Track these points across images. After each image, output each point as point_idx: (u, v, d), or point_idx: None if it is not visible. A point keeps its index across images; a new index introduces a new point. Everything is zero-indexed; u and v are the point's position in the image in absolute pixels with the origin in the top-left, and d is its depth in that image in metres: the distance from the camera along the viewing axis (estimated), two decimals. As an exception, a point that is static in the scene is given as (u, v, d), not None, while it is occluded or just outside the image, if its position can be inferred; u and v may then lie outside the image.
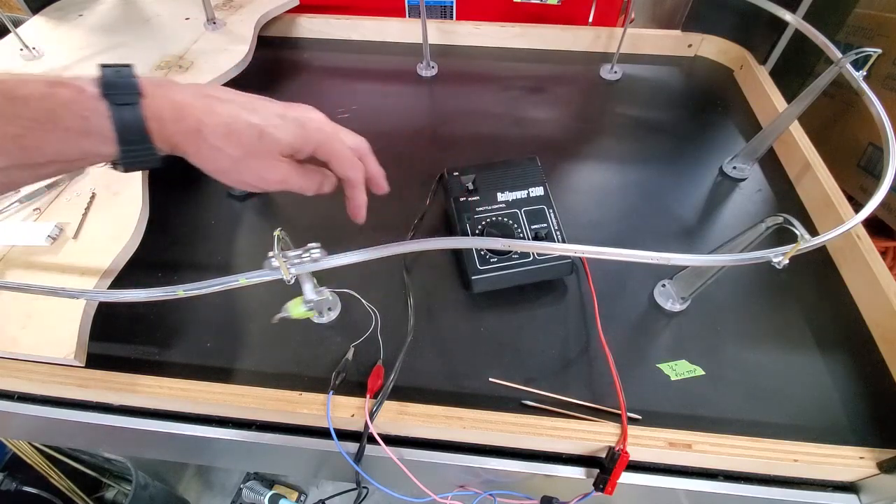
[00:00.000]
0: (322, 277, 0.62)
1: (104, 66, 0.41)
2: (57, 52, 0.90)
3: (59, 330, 0.57)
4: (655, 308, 0.66)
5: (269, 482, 1.57)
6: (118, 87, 0.40)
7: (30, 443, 1.27)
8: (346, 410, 0.55)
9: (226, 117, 0.44)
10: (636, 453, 0.53)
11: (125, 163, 0.42)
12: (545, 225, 0.65)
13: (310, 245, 0.48)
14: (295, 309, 0.55)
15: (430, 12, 1.11)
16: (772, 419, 0.57)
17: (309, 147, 0.47)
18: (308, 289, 0.55)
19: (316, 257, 0.48)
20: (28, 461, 1.26)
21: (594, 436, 0.53)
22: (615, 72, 1.01)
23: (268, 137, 0.45)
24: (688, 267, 0.63)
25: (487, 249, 0.64)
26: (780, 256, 0.47)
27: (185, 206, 0.77)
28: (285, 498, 1.48)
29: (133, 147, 0.42)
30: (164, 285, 0.48)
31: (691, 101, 0.96)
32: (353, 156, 0.50)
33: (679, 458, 0.54)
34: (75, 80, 0.40)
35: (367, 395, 0.55)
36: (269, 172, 0.46)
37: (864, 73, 0.63)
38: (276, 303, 0.65)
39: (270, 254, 0.47)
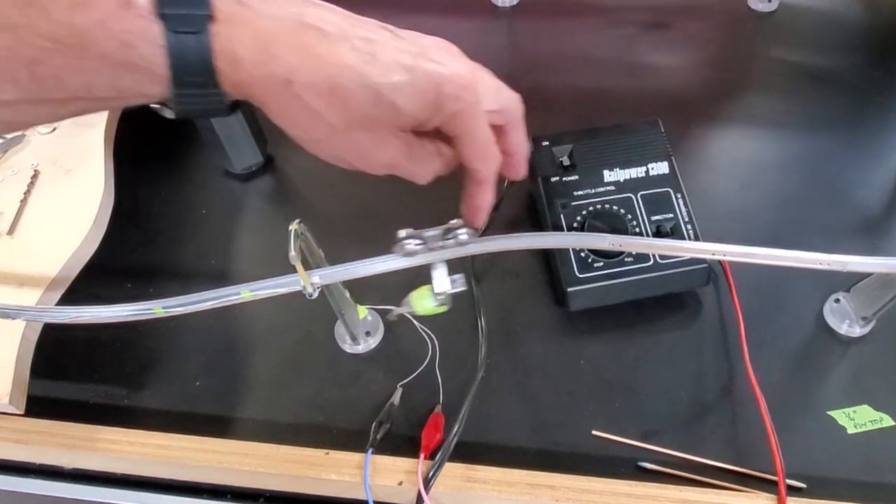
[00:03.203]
0: (355, 291, 0.63)
1: None
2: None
3: (-12, 364, 0.57)
4: (826, 332, 0.65)
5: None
6: (181, 1, 0.36)
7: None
8: (391, 476, 0.55)
9: (331, 67, 0.40)
10: (799, 536, 0.53)
11: (178, 109, 0.40)
12: (671, 216, 0.65)
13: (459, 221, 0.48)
14: (420, 303, 0.52)
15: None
16: None
17: (438, 120, 0.44)
18: (440, 274, 0.51)
19: (462, 240, 0.48)
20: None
21: (740, 511, 0.53)
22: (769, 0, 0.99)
23: (385, 104, 0.41)
24: (872, 274, 0.61)
25: (589, 250, 0.63)
26: None
27: (166, 189, 0.79)
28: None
29: (191, 91, 0.39)
30: (135, 300, 0.49)
31: (876, 41, 0.94)
32: (493, 142, 0.47)
33: (860, 543, 0.53)
34: None
35: (421, 455, 0.55)
36: (376, 152, 0.43)
37: None
38: (290, 324, 0.66)
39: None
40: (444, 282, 0.50)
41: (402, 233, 0.48)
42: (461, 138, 0.45)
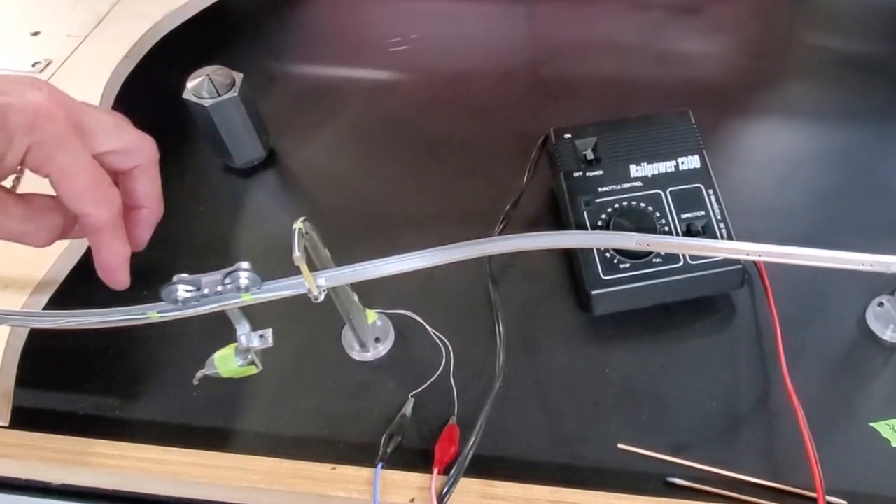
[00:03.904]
0: (364, 294, 0.63)
1: None
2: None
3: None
4: (868, 338, 0.64)
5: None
6: None
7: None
8: (402, 492, 0.54)
9: None
10: (840, 558, 0.53)
11: None
12: (702, 213, 0.64)
13: (239, 265, 0.47)
14: (224, 365, 0.51)
15: None
16: None
17: (14, 154, 0.40)
18: (243, 330, 0.51)
19: (244, 285, 0.46)
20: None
21: (776, 531, 0.53)
22: (808, -19, 0.98)
23: None
24: (919, 277, 0.62)
25: (615, 250, 0.63)
26: None
27: (162, 184, 0.78)
28: None
29: None
30: (128, 304, 0.49)
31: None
32: (100, 179, 0.44)
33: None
34: None
35: (435, 470, 0.55)
36: None
37: None
38: (294, 330, 0.66)
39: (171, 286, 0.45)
40: (247, 338, 0.50)
41: (175, 278, 0.47)
42: (53, 177, 0.42)
